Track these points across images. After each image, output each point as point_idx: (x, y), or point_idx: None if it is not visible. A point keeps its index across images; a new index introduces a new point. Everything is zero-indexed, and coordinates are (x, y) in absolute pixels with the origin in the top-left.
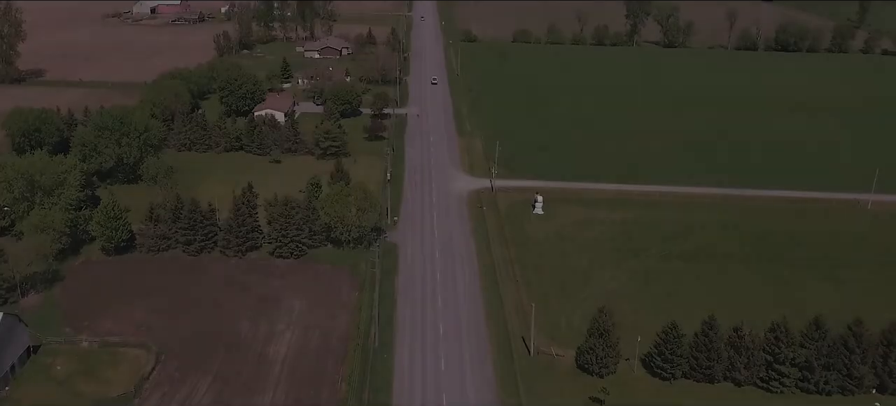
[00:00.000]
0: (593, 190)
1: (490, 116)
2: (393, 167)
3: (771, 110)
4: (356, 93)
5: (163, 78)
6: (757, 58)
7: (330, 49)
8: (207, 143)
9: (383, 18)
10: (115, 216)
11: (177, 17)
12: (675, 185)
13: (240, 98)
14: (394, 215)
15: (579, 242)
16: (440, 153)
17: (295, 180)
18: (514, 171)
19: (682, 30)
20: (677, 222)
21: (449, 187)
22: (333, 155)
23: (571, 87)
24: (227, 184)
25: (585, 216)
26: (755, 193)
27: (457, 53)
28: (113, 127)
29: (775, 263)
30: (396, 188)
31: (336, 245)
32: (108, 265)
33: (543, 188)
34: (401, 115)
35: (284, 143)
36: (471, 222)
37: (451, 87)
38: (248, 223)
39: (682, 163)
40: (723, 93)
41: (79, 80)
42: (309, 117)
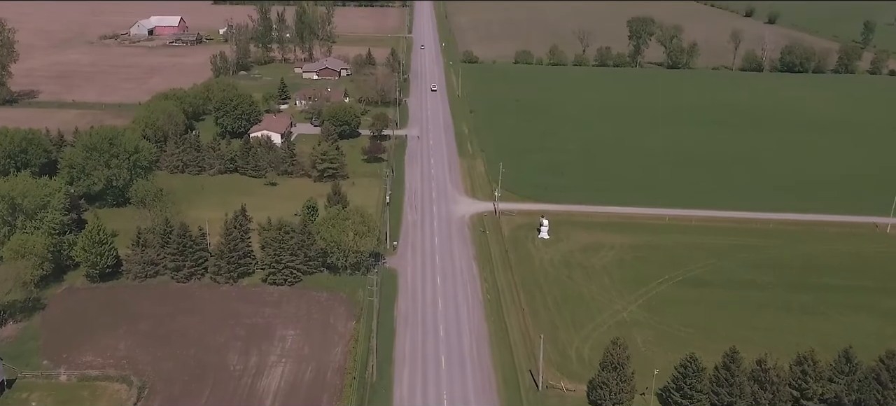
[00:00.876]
0: (600, 213)
1: (492, 137)
2: (392, 190)
3: (780, 131)
4: (355, 113)
5: (156, 98)
6: (763, 78)
7: (328, 70)
8: (201, 165)
9: (383, 40)
10: (101, 241)
11: (174, 38)
12: (686, 208)
13: (235, 119)
14: (393, 240)
15: (587, 268)
16: (441, 175)
17: (291, 203)
18: (517, 193)
19: (686, 51)
20: (690, 247)
21: (450, 210)
22: (331, 177)
23: (575, 109)
24: (220, 207)
25: (593, 240)
26: (769, 216)
27: (457, 74)
28: (102, 148)
29: (797, 290)
30: (396, 211)
31: (332, 271)
32: (93, 293)
33: (548, 211)
34: (401, 136)
35: (280, 165)
36: (473, 247)
37: (452, 107)
38: (240, 248)
39: (691, 185)
40: (730, 114)
41: (72, 101)
42: (306, 139)
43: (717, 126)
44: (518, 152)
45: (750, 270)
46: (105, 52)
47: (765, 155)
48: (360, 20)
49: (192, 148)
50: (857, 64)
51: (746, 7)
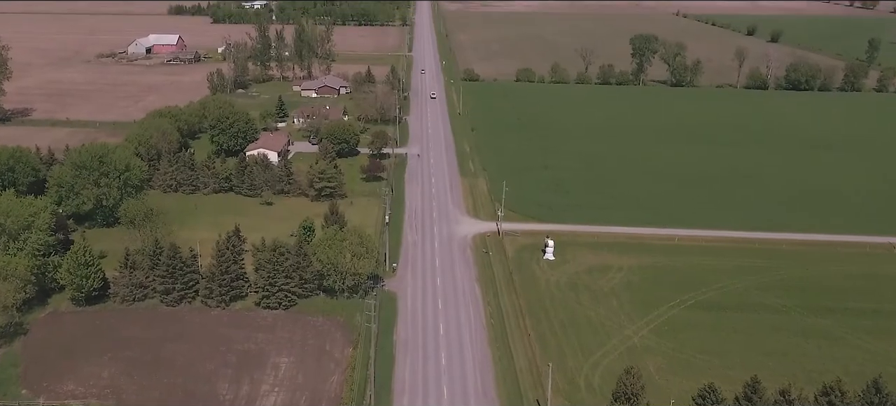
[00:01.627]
0: (606, 233)
1: (494, 156)
2: (392, 209)
3: (787, 149)
4: (354, 131)
5: (151, 116)
6: (768, 96)
7: (327, 88)
8: (195, 184)
9: (382, 59)
10: (87, 262)
11: (172, 57)
12: (694, 228)
13: (231, 137)
14: (393, 262)
15: (595, 291)
16: (442, 194)
17: (287, 223)
18: (521, 212)
19: (690, 69)
20: (700, 268)
21: (452, 231)
22: (328, 196)
23: (578, 127)
24: (213, 227)
25: (600, 262)
26: (780, 236)
27: (458, 92)
28: (91, 166)
29: (815, 314)
30: (395, 232)
31: (329, 294)
32: (78, 317)
33: (553, 231)
34: (400, 154)
35: (276, 184)
36: (476, 269)
37: (453, 125)
38: (233, 270)
39: (699, 204)
40: (736, 131)
41: (66, 119)
42: (304, 157)
43: (723, 144)
44: (521, 171)
45: (764, 293)
46: (102, 70)
47: (773, 173)
48: (360, 39)
49: (185, 166)
50: (863, 81)
51: (749, 25)
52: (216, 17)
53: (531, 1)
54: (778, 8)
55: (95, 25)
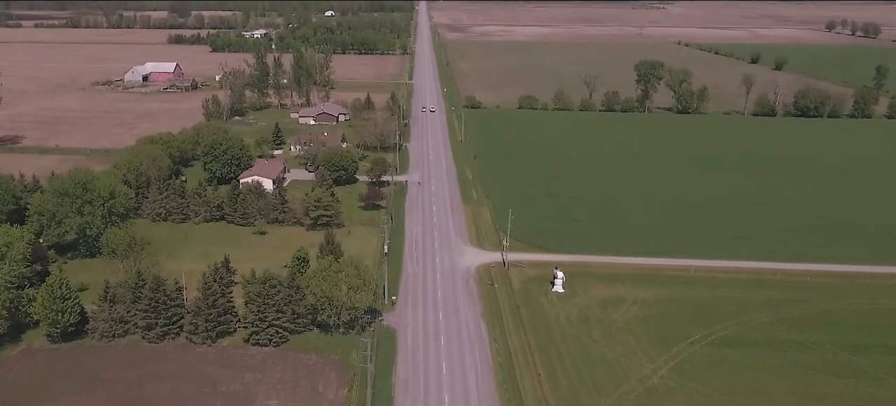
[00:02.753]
0: (618, 264)
1: (498, 183)
2: (391, 239)
3: (800, 176)
4: (352, 158)
5: (141, 142)
6: (777, 123)
7: (326, 115)
8: (185, 213)
9: (383, 87)
10: (63, 296)
11: (169, 84)
12: (711, 258)
13: (224, 164)
14: (392, 295)
15: (608, 326)
16: (444, 223)
17: (280, 254)
18: (527, 242)
19: (696, 95)
20: (720, 301)
21: (455, 262)
22: (325, 225)
23: (583, 154)
24: (203, 258)
25: (612, 294)
26: (802, 267)
27: (460, 120)
28: (74, 193)
29: (849, 352)
30: (395, 263)
31: (323, 330)
32: (53, 355)
33: (562, 262)
34: (400, 182)
35: (271, 213)
36: (481, 302)
37: (455, 152)
38: (221, 304)
39: (713, 233)
40: (746, 158)
41: (55, 147)
42: (300, 185)
43: (735, 171)
44: (526, 199)
45: (791, 328)
46: (97, 97)
47: (788, 201)
48: (360, 67)
49: (175, 194)
50: (873, 108)
51: (752, 54)
52: (215, 46)
53: (532, 29)
54: (779, 38)
55: (94, 54)
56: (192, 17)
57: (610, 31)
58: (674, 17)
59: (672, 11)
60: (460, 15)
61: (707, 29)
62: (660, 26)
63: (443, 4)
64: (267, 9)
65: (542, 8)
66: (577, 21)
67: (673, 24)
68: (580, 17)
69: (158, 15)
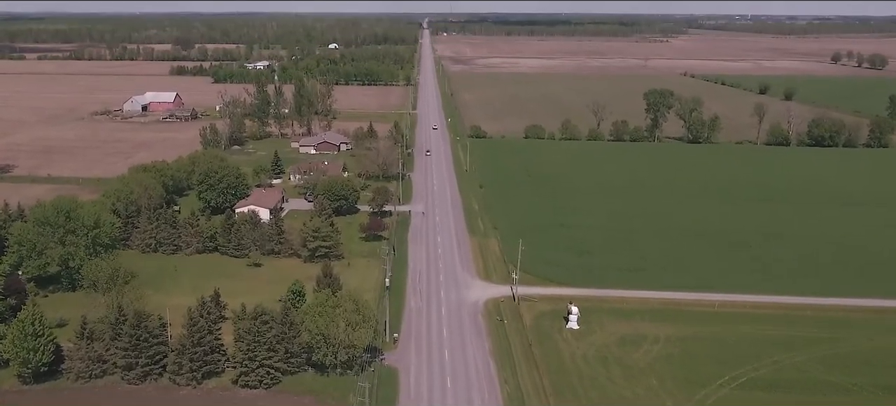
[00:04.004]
0: (636, 298)
1: (505, 214)
2: (393, 272)
3: (820, 206)
4: (353, 187)
5: (134, 171)
6: (791, 153)
7: (327, 144)
8: (176, 244)
9: (386, 117)
10: (36, 333)
11: (169, 114)
12: (734, 292)
13: (219, 193)
14: (393, 332)
15: (629, 366)
16: (449, 255)
17: (276, 287)
18: (538, 275)
19: (708, 124)
20: (749, 339)
21: (461, 296)
22: (323, 257)
23: (593, 184)
24: (193, 292)
25: (631, 331)
26: (832, 302)
27: (465, 149)
28: (57, 222)
29: (891, 394)
30: (397, 297)
31: (319, 371)
32: (23, 398)
33: (576, 296)
34: (403, 212)
35: (266, 244)
36: (490, 340)
37: (460, 182)
38: (207, 342)
39: (735, 265)
40: (762, 188)
41: (47, 176)
42: (299, 215)
43: (751, 202)
44: (535, 229)
45: (827, 368)
46: (94, 127)
47: (810, 232)
48: (363, 98)
49: (166, 224)
50: (890, 137)
51: (760, 85)
52: (217, 77)
53: (535, 61)
54: (784, 69)
55: (95, 85)
56: (196, 50)
57: (614, 63)
58: (677, 50)
59: (675, 44)
60: (464, 47)
61: (711, 61)
62: (664, 58)
63: (446, 38)
64: (271, 42)
65: (545, 41)
66: (580, 54)
67: (677, 57)
68: (584, 50)
69: (162, 47)
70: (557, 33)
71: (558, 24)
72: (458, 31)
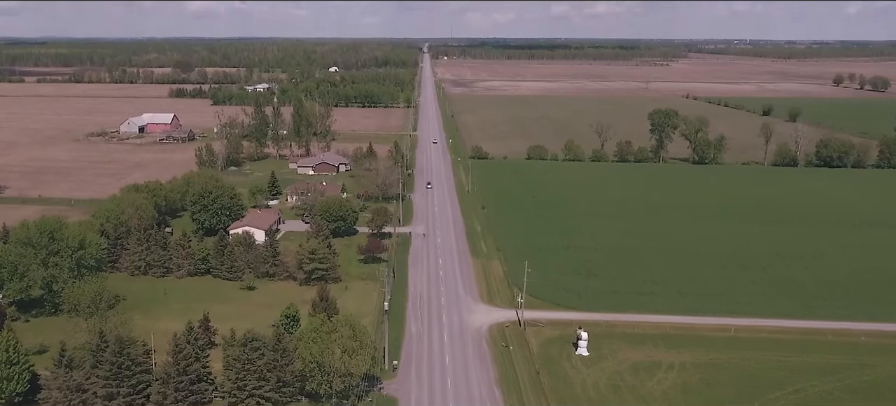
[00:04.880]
0: (647, 323)
1: (508, 236)
2: (393, 295)
3: (834, 227)
4: (351, 208)
5: (126, 191)
6: (800, 173)
7: (326, 164)
8: (167, 266)
9: (386, 138)
10: (10, 360)
11: (165, 135)
12: (751, 316)
13: (213, 214)
14: (393, 359)
15: (643, 396)
16: (452, 278)
17: (269, 312)
18: (544, 298)
19: (713, 145)
20: (769, 366)
21: (464, 320)
22: (320, 279)
23: (599, 205)
24: (183, 316)
25: (644, 358)
26: (850, 326)
27: (466, 170)
28: (40, 243)
29: None
30: (397, 322)
31: (313, 401)
32: None
33: (585, 321)
34: (404, 233)
35: (260, 266)
36: (495, 367)
37: (462, 204)
38: (194, 370)
39: (750, 288)
40: (773, 209)
41: (38, 197)
42: (296, 237)
43: (763, 223)
44: (540, 251)
45: (856, 398)
46: (89, 148)
47: (826, 253)
48: (363, 120)
49: (157, 246)
50: None
51: (764, 106)
52: (216, 100)
53: (536, 84)
54: (786, 91)
55: (93, 107)
56: (196, 73)
57: (615, 86)
58: (678, 73)
59: (675, 67)
60: (464, 70)
61: (713, 83)
62: (665, 81)
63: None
64: (271, 65)
65: (545, 65)
66: (580, 77)
67: (678, 80)
68: (584, 74)
69: (162, 71)
70: (557, 57)
71: (558, 49)
72: (458, 55)
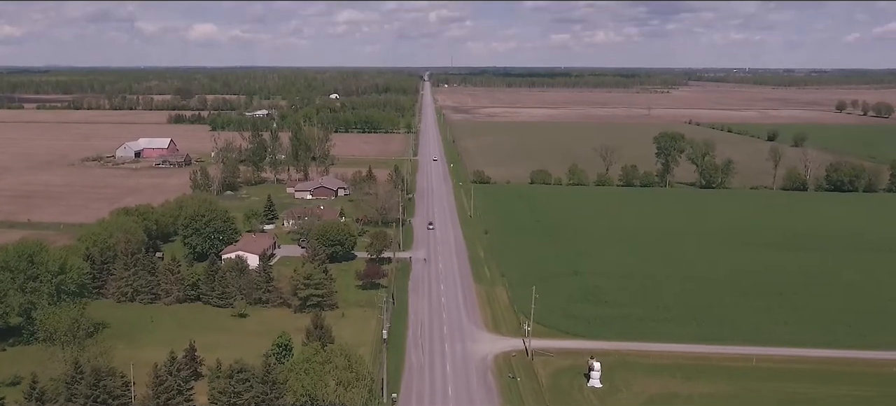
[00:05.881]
0: (663, 352)
1: (513, 261)
2: (392, 323)
3: (851, 252)
4: (349, 232)
5: (115, 214)
6: (810, 198)
7: (324, 189)
8: (155, 292)
9: (386, 163)
10: None
11: (161, 160)
12: (773, 345)
13: (205, 238)
14: (392, 392)
15: None
16: (454, 305)
17: (261, 340)
18: (552, 326)
19: (721, 169)
20: (800, 400)
21: (468, 350)
22: (315, 306)
23: (605, 230)
24: (169, 345)
25: (662, 389)
26: (880, 355)
27: (468, 195)
28: (18, 268)
29: None
30: (396, 352)
31: None
32: None
33: (597, 350)
34: (404, 259)
35: (253, 292)
36: (501, 400)
37: (464, 228)
38: (177, 403)
39: (768, 315)
40: (786, 234)
41: (26, 221)
42: (291, 262)
43: (776, 248)
44: (546, 277)
45: None
46: (83, 173)
47: (849, 281)
48: (363, 145)
49: (145, 271)
50: None
51: (769, 132)
52: (214, 125)
53: (537, 111)
54: (789, 118)
55: (90, 132)
56: (196, 100)
57: (617, 112)
58: (679, 100)
59: (677, 95)
60: (465, 98)
61: (715, 110)
62: (667, 108)
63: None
64: (271, 93)
65: (546, 92)
66: (582, 104)
67: (680, 106)
68: (585, 101)
69: (162, 98)
70: (558, 85)
71: (558, 77)
72: (459, 83)
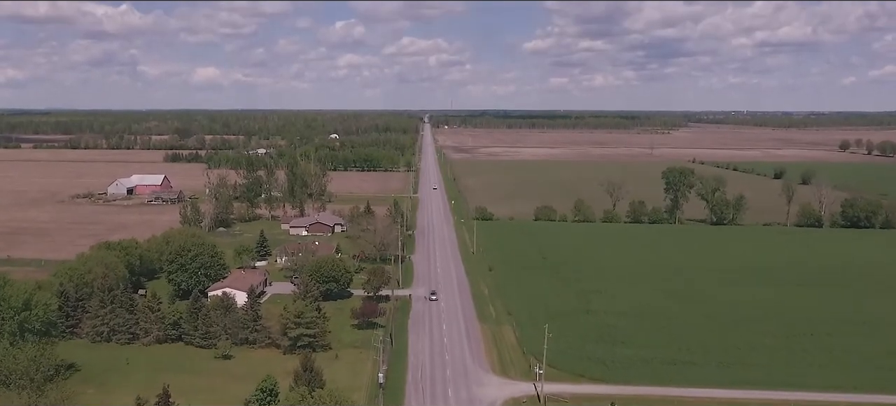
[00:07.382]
0: (690, 398)
1: (519, 300)
2: (390, 365)
3: (880, 290)
4: (345, 268)
5: (96, 249)
6: (826, 234)
7: (320, 225)
8: (133, 332)
9: (385, 200)
10: None
11: (154, 196)
12: (806, 390)
13: (191, 274)
14: None
15: None
16: (458, 346)
17: (246, 384)
18: (564, 369)
19: (732, 205)
20: None
21: (473, 395)
22: (306, 347)
23: (615, 267)
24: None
25: None
26: None
27: (471, 231)
28: None
29: None
30: (395, 397)
31: None
32: None
33: (617, 395)
34: (403, 297)
35: (239, 332)
36: None
37: (467, 266)
38: None
39: (798, 358)
40: (806, 272)
41: (7, 257)
42: (283, 299)
43: (797, 286)
44: (556, 316)
45: None
46: (72, 210)
47: (879, 319)
48: (362, 183)
49: (122, 309)
50: None
51: (775, 170)
52: (211, 163)
53: (539, 150)
54: (794, 157)
55: (85, 171)
56: (194, 139)
57: (619, 152)
58: (681, 140)
59: (677, 136)
60: (465, 138)
61: (718, 149)
62: (669, 147)
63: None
64: (271, 133)
65: (546, 133)
66: (583, 143)
67: (682, 146)
68: (586, 141)
69: (160, 138)
70: (558, 126)
71: (558, 118)
72: (459, 125)
